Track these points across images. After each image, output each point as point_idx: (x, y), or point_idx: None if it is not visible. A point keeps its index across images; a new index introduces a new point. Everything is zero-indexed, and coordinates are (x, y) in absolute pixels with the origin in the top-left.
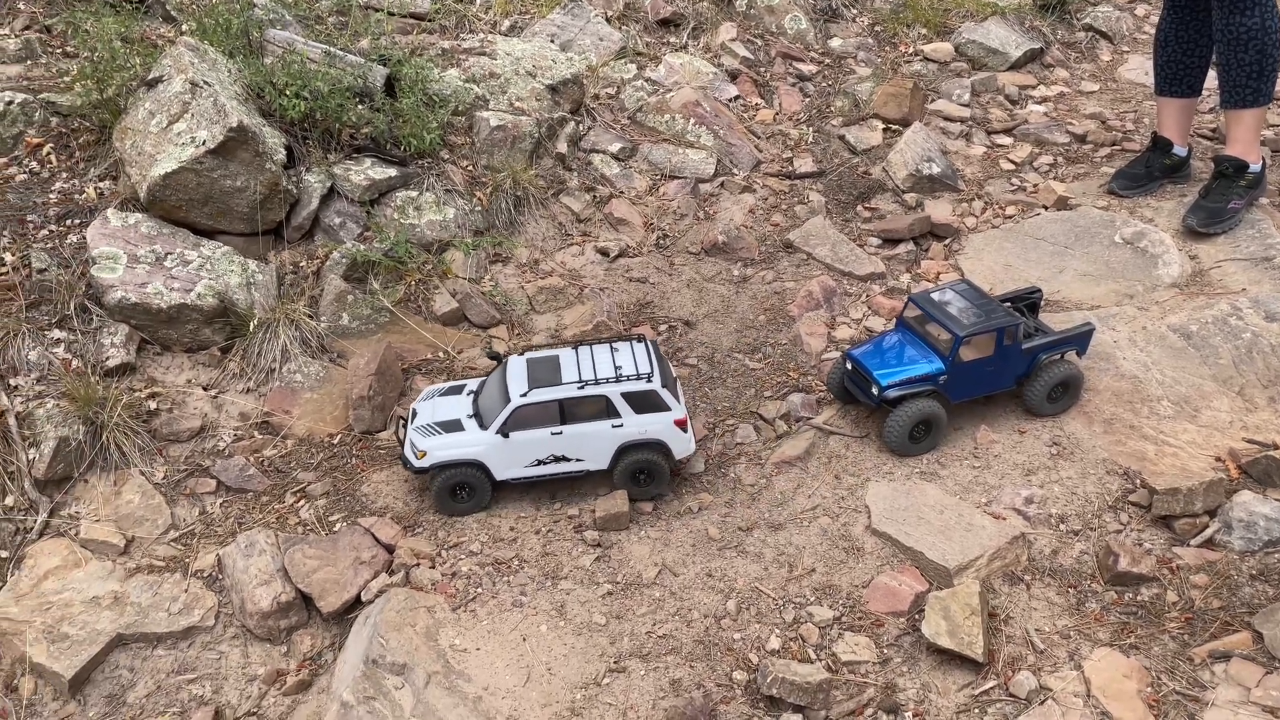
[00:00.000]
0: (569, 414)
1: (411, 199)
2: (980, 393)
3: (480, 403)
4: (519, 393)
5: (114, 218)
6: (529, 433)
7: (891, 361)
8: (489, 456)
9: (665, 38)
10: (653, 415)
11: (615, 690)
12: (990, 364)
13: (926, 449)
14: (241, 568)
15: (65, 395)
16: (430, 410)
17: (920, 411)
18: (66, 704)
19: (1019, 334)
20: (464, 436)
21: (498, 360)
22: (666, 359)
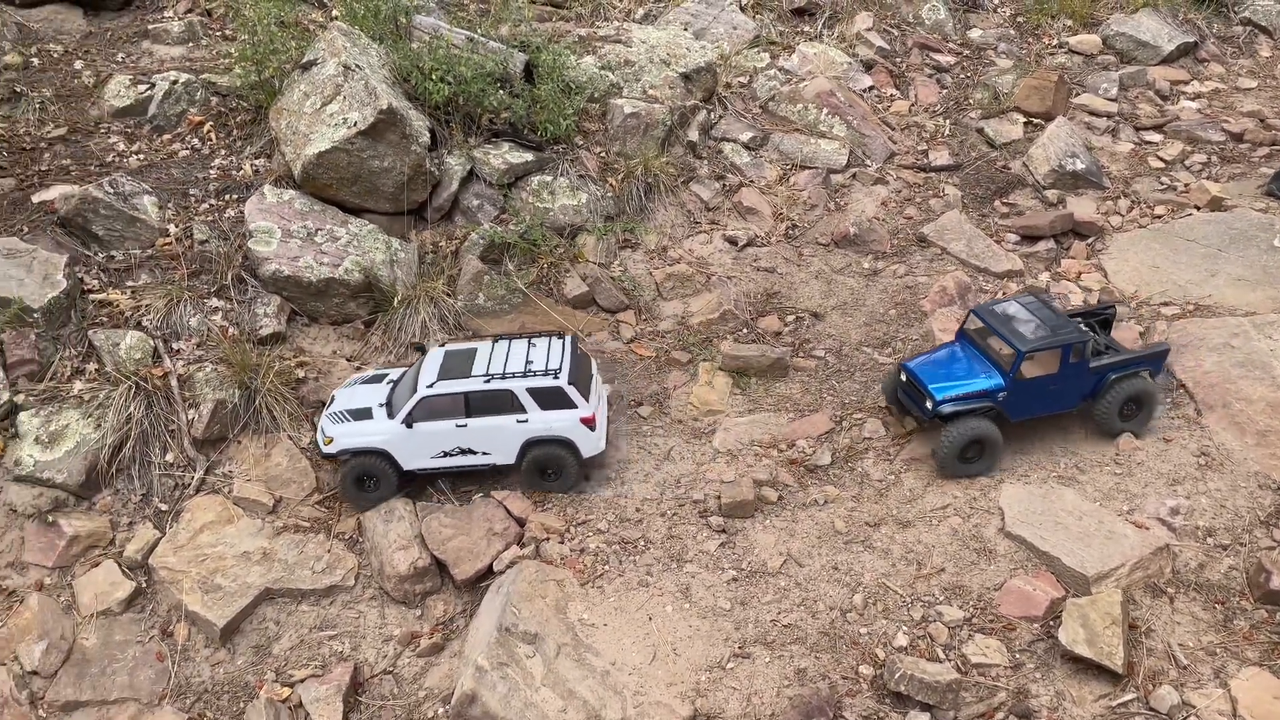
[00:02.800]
0: (474, 407)
1: (546, 183)
2: (1042, 412)
3: (395, 393)
4: (426, 384)
5: (270, 194)
6: (434, 424)
7: (948, 375)
8: (394, 445)
9: (799, 27)
10: (559, 412)
11: (740, 675)
12: (1054, 382)
13: (980, 471)
14: (381, 532)
15: (223, 361)
16: (347, 397)
17: (973, 431)
18: (217, 651)
19: (1086, 351)
20: (370, 425)
21: (422, 352)
22: (589, 359)
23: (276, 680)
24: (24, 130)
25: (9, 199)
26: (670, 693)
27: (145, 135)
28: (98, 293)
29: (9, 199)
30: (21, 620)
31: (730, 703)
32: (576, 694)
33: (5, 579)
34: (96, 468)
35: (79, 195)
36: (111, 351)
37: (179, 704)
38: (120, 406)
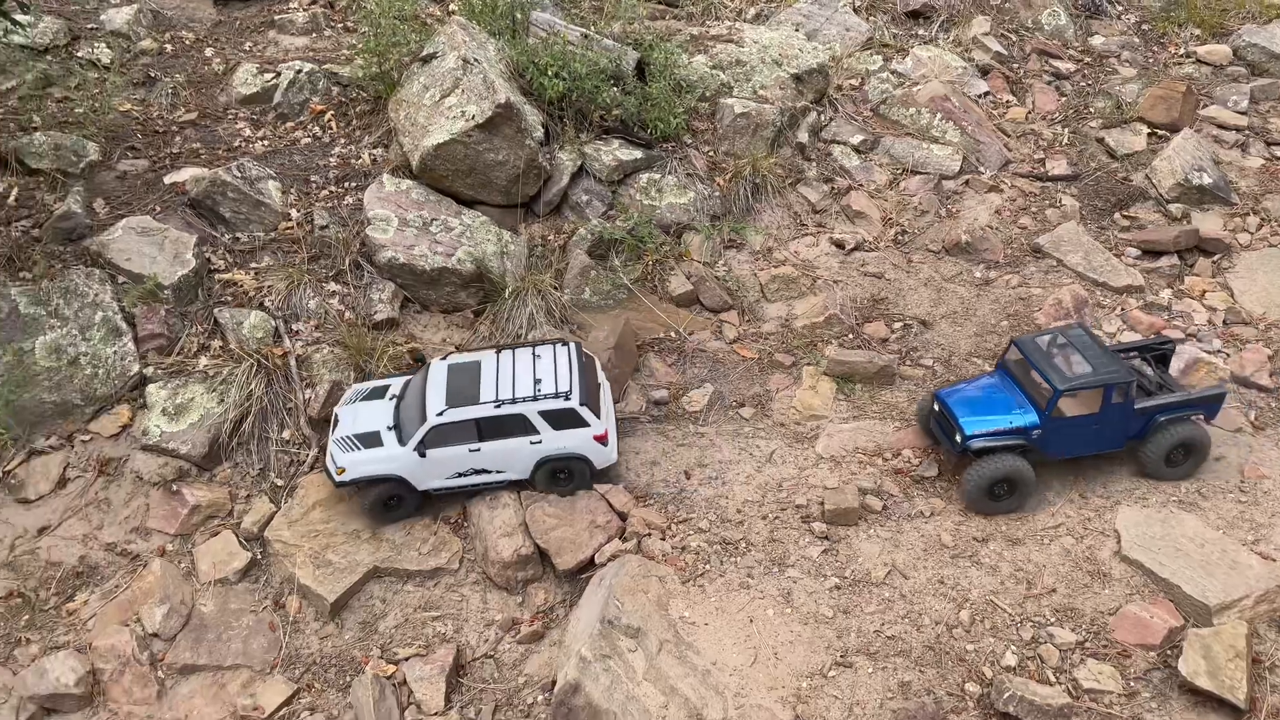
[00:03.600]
0: (486, 432)
1: (654, 181)
2: (1082, 452)
3: (401, 412)
4: (435, 411)
5: (389, 183)
6: (447, 450)
7: (982, 408)
8: (409, 471)
9: (914, 30)
10: (572, 431)
11: (841, 684)
12: (1095, 421)
13: (1008, 509)
14: (487, 519)
15: (339, 343)
16: (351, 419)
17: (1002, 469)
18: (326, 625)
19: (1131, 391)
20: (381, 453)
21: (421, 363)
22: (594, 364)
23: (382, 657)
24: (157, 114)
25: (143, 179)
26: (771, 696)
27: (270, 122)
28: (223, 273)
29: (143, 179)
30: (145, 584)
31: (832, 711)
32: (678, 691)
33: (130, 543)
34: (218, 441)
35: (209, 178)
36: (235, 330)
37: (289, 673)
38: (242, 383)
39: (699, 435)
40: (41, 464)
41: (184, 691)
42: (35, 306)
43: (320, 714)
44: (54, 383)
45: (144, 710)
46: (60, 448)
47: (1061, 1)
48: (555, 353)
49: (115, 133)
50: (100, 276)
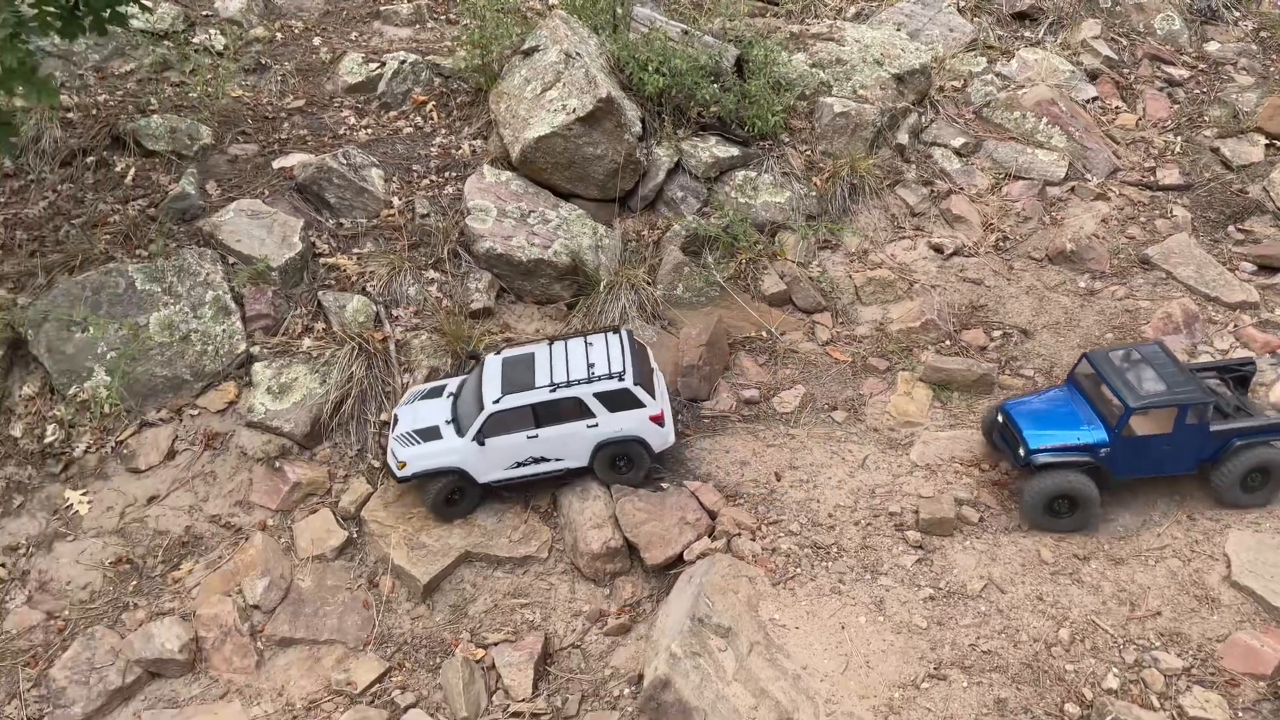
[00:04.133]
0: (543, 417)
1: (750, 179)
2: (1153, 473)
3: (458, 407)
4: (492, 399)
5: (489, 173)
6: (505, 438)
7: (1048, 423)
8: (468, 463)
9: (1020, 31)
10: (628, 413)
11: (935, 696)
12: (1167, 442)
13: (1071, 528)
14: (577, 509)
15: (437, 330)
16: (411, 416)
17: (1061, 486)
18: (417, 606)
19: (1207, 413)
20: (441, 445)
21: (476, 360)
22: (645, 351)
23: (471, 640)
24: (267, 100)
25: (252, 163)
26: (862, 705)
27: (374, 111)
28: (328, 257)
29: (252, 163)
30: (246, 556)
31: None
32: (768, 693)
33: (233, 516)
34: (319, 420)
35: (315, 164)
36: (338, 313)
37: (381, 651)
38: (344, 365)
39: (790, 437)
40: (152, 436)
41: (281, 663)
42: (151, 283)
43: (410, 693)
44: (166, 358)
45: (243, 679)
46: (170, 421)
47: (1176, 6)
48: (607, 340)
49: (227, 117)
50: (212, 256)
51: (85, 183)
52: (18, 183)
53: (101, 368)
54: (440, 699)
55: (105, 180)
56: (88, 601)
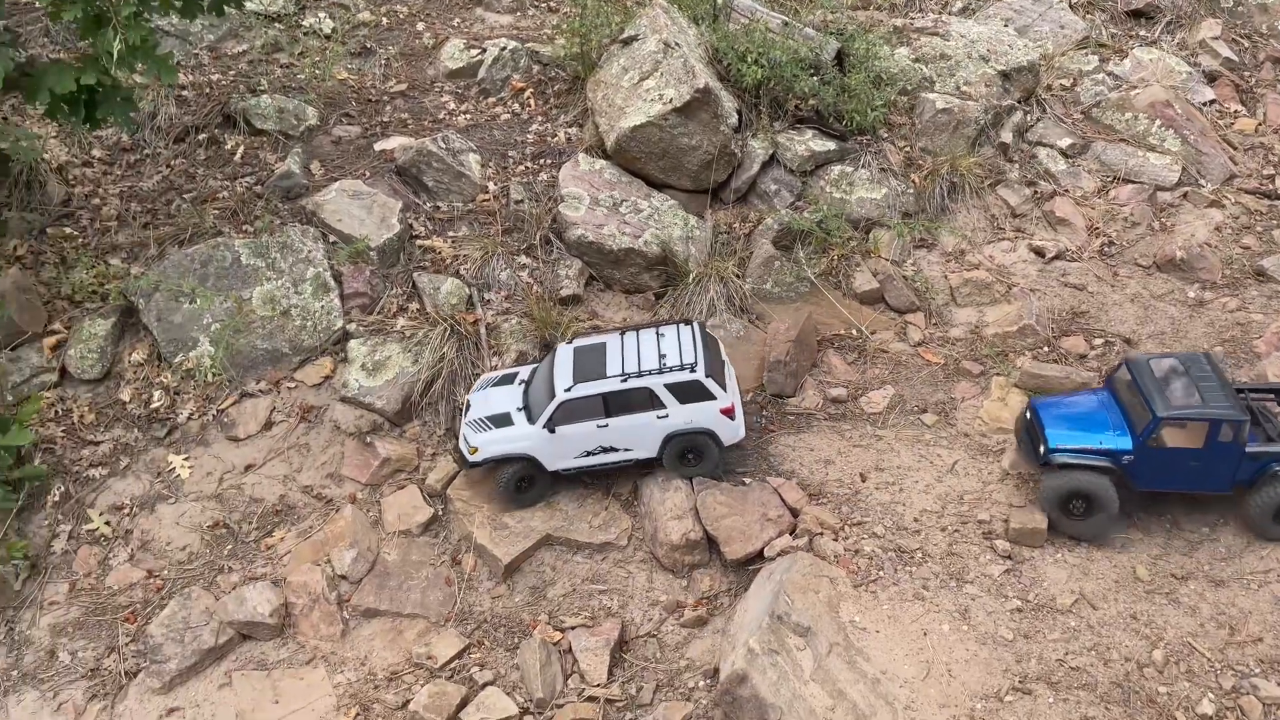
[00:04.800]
0: (614, 407)
1: (846, 174)
2: (1179, 488)
3: (529, 394)
4: (563, 387)
5: (584, 162)
6: (575, 426)
7: (1074, 424)
8: (538, 450)
9: (1134, 30)
10: (699, 405)
11: (1019, 710)
12: (1196, 458)
13: (1088, 532)
14: (658, 499)
15: (527, 315)
16: (483, 402)
17: (1077, 485)
18: (498, 585)
19: (1242, 432)
20: (512, 431)
21: (550, 350)
22: (717, 344)
23: (549, 623)
24: (370, 83)
25: (355, 145)
26: (943, 714)
27: (473, 97)
28: (424, 239)
29: (355, 145)
30: (336, 528)
31: None
32: (846, 695)
33: (325, 488)
34: (410, 399)
35: (416, 147)
36: (432, 294)
37: (461, 628)
38: (435, 346)
39: (877, 438)
40: (251, 406)
41: (365, 633)
42: (256, 258)
43: (489, 670)
44: (267, 331)
45: (329, 646)
46: (268, 392)
47: None
48: (679, 331)
49: (333, 99)
50: (314, 234)
51: (197, 159)
52: (134, 157)
53: (206, 338)
54: (517, 678)
55: (215, 157)
56: (185, 562)
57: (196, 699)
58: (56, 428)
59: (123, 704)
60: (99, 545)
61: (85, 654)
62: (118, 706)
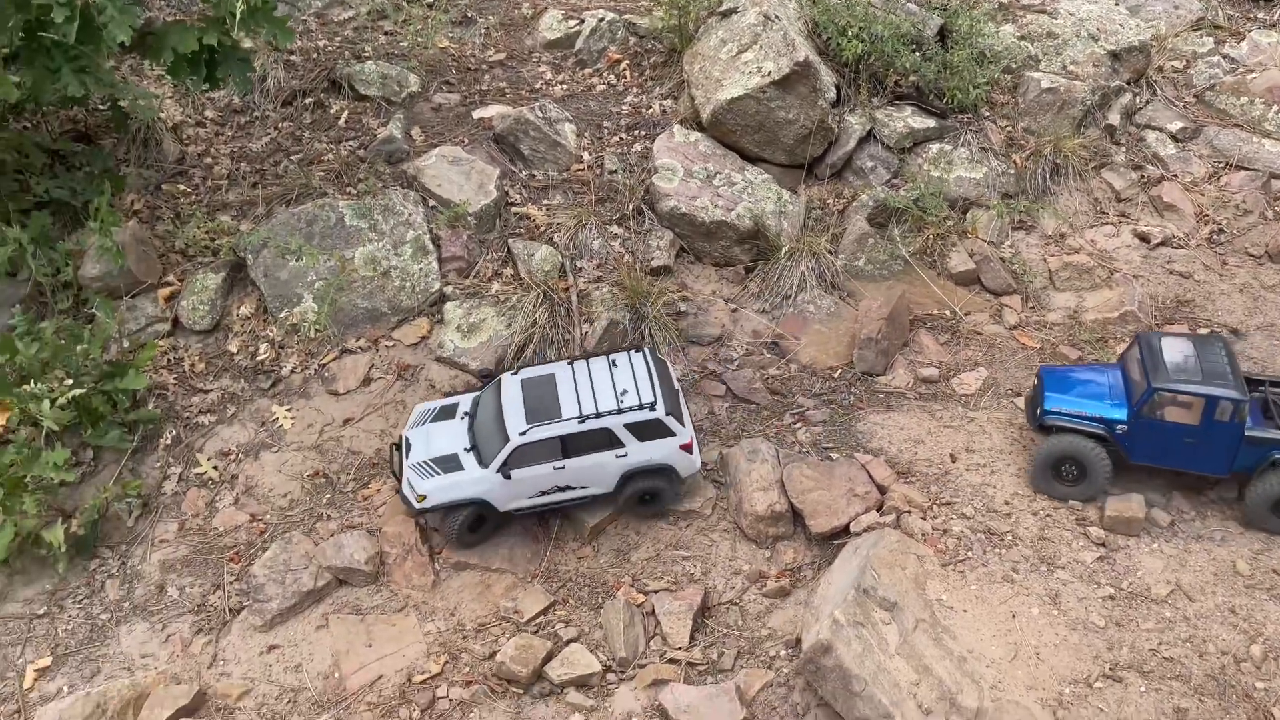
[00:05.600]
0: (571, 448)
1: (945, 152)
2: (1174, 465)
3: (476, 431)
4: (518, 430)
5: (678, 134)
6: (531, 469)
7: (1074, 390)
8: (492, 494)
9: (1253, 12)
10: (658, 441)
11: (1108, 697)
12: (1192, 435)
13: (1080, 496)
14: (744, 470)
15: (618, 284)
16: (424, 441)
17: (1066, 448)
18: (583, 546)
19: (1240, 414)
20: (463, 476)
21: (490, 380)
22: (668, 369)
23: (633, 585)
24: (470, 52)
25: (454, 112)
26: (1030, 696)
27: (569, 67)
28: (519, 206)
29: (454, 112)
30: None
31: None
32: (932, 671)
33: None
34: (502, 361)
35: (514, 116)
36: (526, 260)
37: (547, 585)
38: (528, 311)
39: (969, 419)
40: (351, 362)
41: (455, 585)
42: (358, 219)
43: (573, 628)
44: (367, 290)
45: (420, 595)
46: (367, 350)
47: None
48: (632, 361)
49: (434, 67)
50: (414, 198)
51: (303, 122)
52: (244, 118)
53: (310, 295)
54: (600, 637)
55: (321, 121)
56: (286, 508)
57: (295, 638)
58: (169, 375)
59: (226, 639)
60: (206, 488)
61: (192, 590)
62: (221, 641)
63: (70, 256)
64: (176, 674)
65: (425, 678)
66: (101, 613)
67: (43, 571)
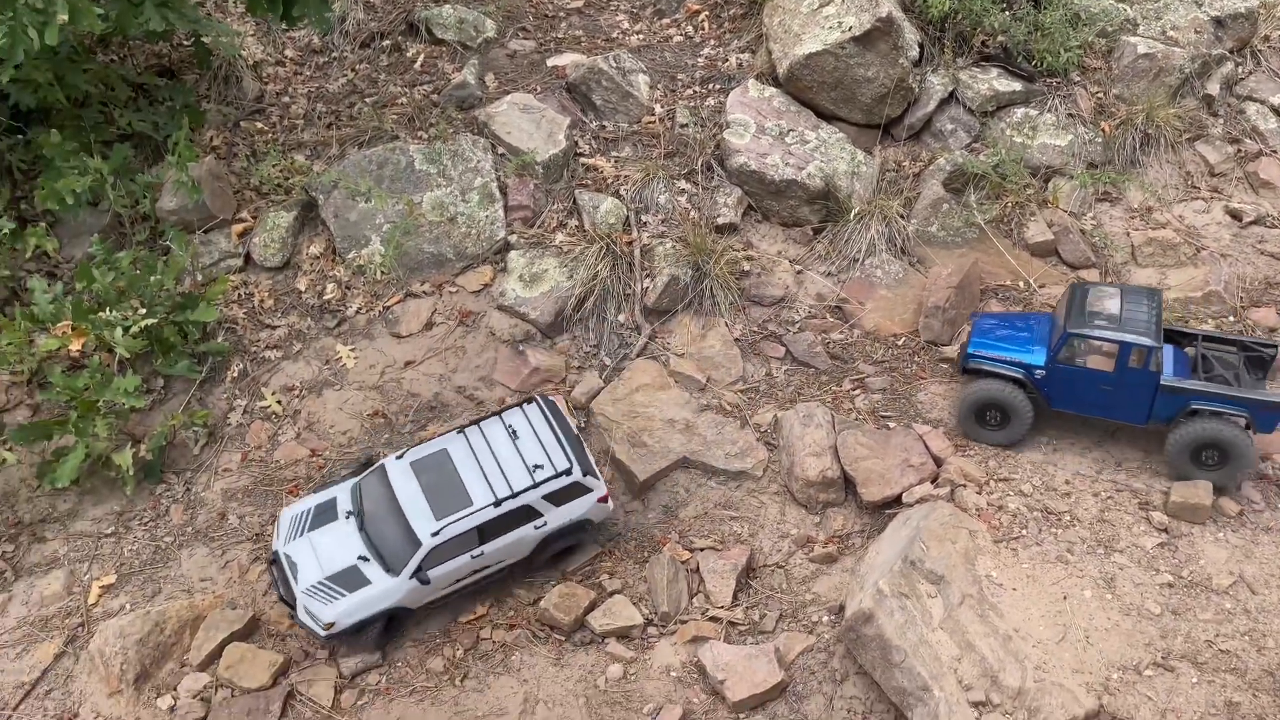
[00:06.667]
0: (489, 533)
1: (1030, 118)
2: (1092, 412)
3: (370, 533)
4: (429, 532)
5: (753, 88)
6: (447, 565)
7: (999, 336)
8: (408, 599)
9: None
10: (576, 502)
11: (1158, 686)
12: (1108, 382)
13: (1001, 441)
14: (798, 434)
15: (682, 240)
16: (310, 556)
17: (989, 394)
18: (632, 500)
19: (1152, 361)
20: (372, 591)
21: (369, 465)
22: (565, 415)
23: (679, 542)
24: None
25: (528, 59)
26: (1075, 679)
27: (647, 17)
28: (587, 157)
29: (528, 59)
30: None
31: (1141, 711)
32: (975, 647)
33: (476, 390)
34: (563, 312)
35: (587, 65)
36: (591, 212)
37: (594, 536)
38: (591, 263)
39: None
40: (414, 306)
41: None
42: (428, 164)
43: (617, 579)
44: (434, 236)
45: None
46: (431, 294)
47: None
48: (530, 420)
49: (510, 13)
50: (484, 145)
51: (379, 64)
52: (322, 59)
53: (378, 237)
54: (644, 590)
55: (397, 64)
56: (345, 445)
57: None
58: (239, 309)
59: None
60: (270, 421)
61: (251, 519)
62: None
63: (149, 189)
64: (233, 599)
65: (471, 618)
66: (165, 535)
67: (111, 493)
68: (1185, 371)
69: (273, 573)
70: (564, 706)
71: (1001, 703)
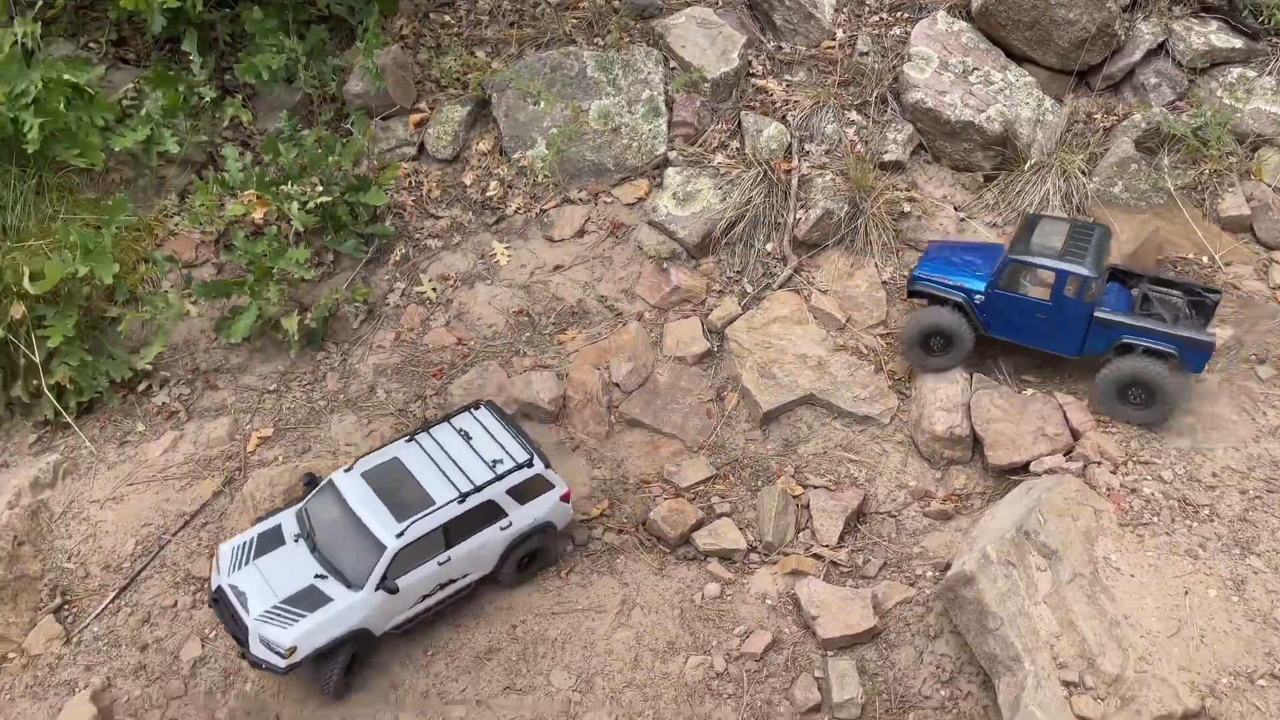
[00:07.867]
0: (455, 534)
1: (1246, 79)
2: (1027, 341)
3: (324, 551)
4: (392, 533)
5: (941, 21)
6: (415, 573)
7: (947, 263)
8: (371, 620)
9: None
10: (538, 499)
11: (1269, 698)
12: (1043, 311)
13: (943, 366)
14: (931, 387)
15: (843, 174)
16: (259, 584)
17: (934, 322)
18: (754, 429)
19: (1087, 292)
20: (335, 609)
21: (313, 485)
22: (511, 417)
23: (794, 477)
24: None
25: None
26: (1180, 676)
27: None
28: (759, 79)
29: None
30: (621, 339)
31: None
32: (1076, 627)
33: (618, 301)
34: (710, 235)
35: None
36: (754, 136)
37: (712, 458)
38: (746, 188)
39: (1196, 380)
40: (569, 212)
41: (626, 440)
42: (599, 72)
43: (727, 503)
44: (596, 144)
45: (593, 442)
46: (586, 202)
47: None
48: (481, 422)
49: None
50: (656, 57)
51: None
52: None
53: (543, 140)
54: (752, 518)
55: None
56: (490, 339)
57: None
58: (408, 196)
59: None
60: (424, 306)
61: (397, 395)
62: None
63: (338, 72)
64: None
65: (584, 519)
66: (319, 399)
67: (277, 353)
68: (1126, 309)
69: (217, 611)
70: (659, 614)
71: (1095, 686)
